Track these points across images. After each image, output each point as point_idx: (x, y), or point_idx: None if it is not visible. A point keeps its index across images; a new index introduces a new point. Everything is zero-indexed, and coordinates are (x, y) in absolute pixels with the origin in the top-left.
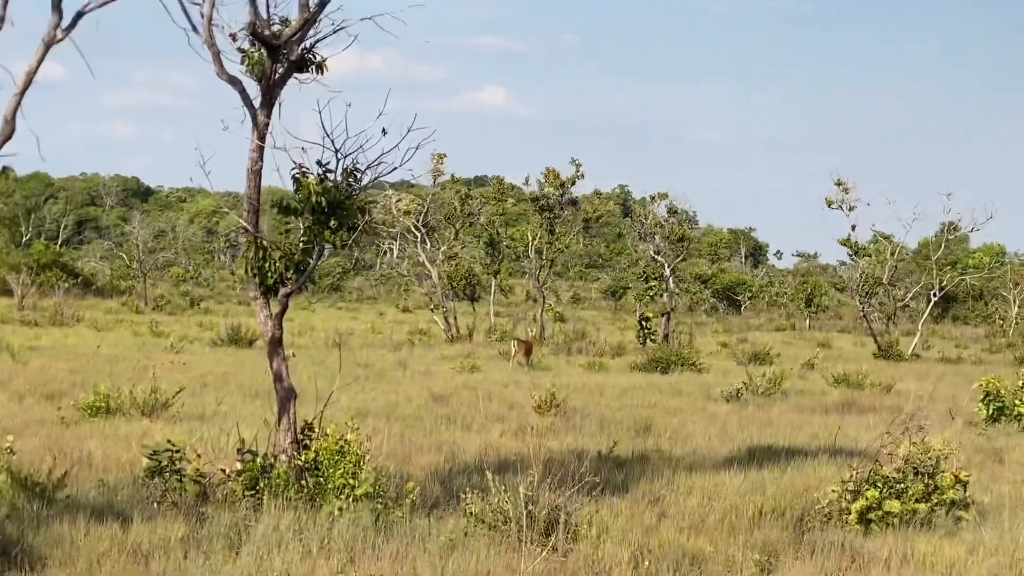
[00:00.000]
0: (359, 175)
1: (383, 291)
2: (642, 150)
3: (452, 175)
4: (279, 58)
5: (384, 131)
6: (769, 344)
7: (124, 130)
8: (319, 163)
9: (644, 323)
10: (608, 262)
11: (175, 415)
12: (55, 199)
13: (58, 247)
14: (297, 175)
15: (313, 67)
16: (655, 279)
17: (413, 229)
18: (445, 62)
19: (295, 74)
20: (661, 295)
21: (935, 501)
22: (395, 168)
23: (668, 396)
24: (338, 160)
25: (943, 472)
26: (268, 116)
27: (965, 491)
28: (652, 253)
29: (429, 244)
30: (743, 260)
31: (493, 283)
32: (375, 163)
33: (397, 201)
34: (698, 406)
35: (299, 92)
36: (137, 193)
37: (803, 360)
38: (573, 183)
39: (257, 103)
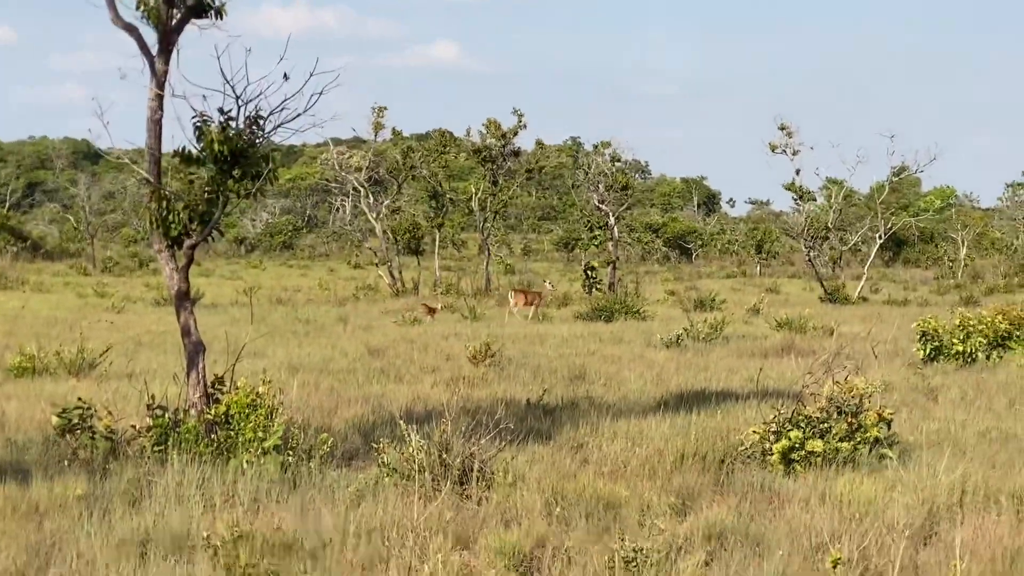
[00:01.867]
0: (262, 122)
1: (335, 248)
2: (596, 102)
3: (394, 128)
4: (175, 3)
5: (285, 76)
6: (716, 291)
7: (74, 93)
8: (220, 111)
9: (590, 272)
10: (561, 214)
11: (103, 374)
12: (3, 163)
13: (6, 211)
14: (198, 123)
15: (212, 12)
16: (600, 228)
17: (357, 184)
18: (397, 17)
19: (193, 20)
20: (606, 244)
21: (858, 440)
22: (299, 114)
23: (608, 344)
24: (239, 107)
25: (867, 411)
26: (166, 64)
27: (889, 429)
28: (596, 202)
29: (372, 199)
30: (696, 209)
31: (437, 236)
32: (278, 109)
33: (348, 157)
34: (637, 353)
35: (199, 38)
36: (88, 155)
37: (749, 305)
38: (515, 134)
39: (155, 51)
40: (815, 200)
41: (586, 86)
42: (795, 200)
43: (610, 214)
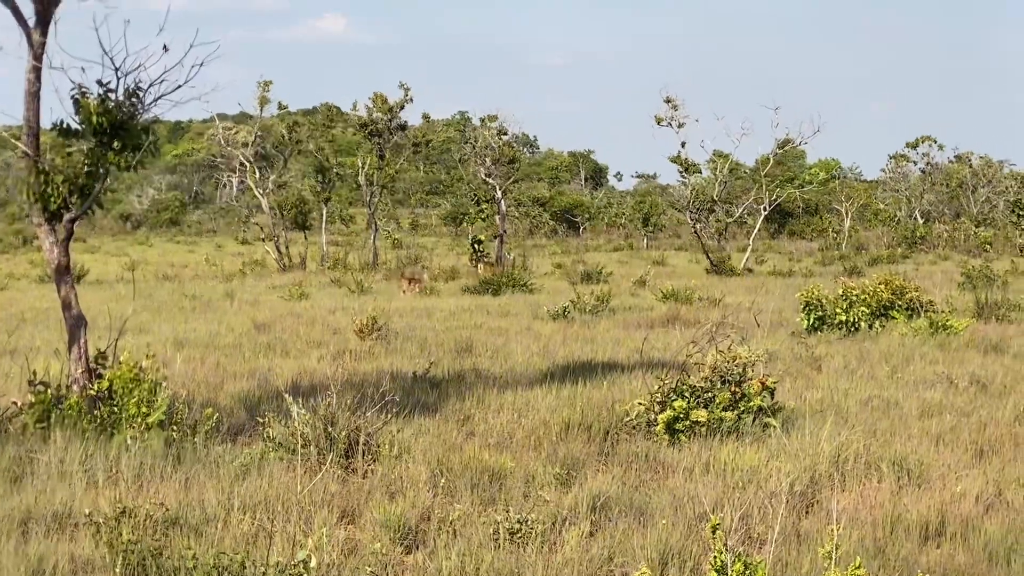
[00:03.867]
0: (142, 94)
1: (223, 224)
2: (484, 75)
3: (280, 103)
4: None
5: (165, 48)
6: (603, 264)
7: None
8: (99, 83)
9: (476, 246)
10: (449, 188)
11: None
12: None
13: None
14: (77, 96)
15: None
16: (487, 202)
17: (243, 160)
18: None
19: None
20: (494, 218)
21: (742, 409)
22: (179, 86)
23: (495, 317)
24: (119, 79)
25: (750, 380)
26: (44, 35)
27: (772, 398)
28: (483, 176)
29: (258, 174)
30: (583, 182)
31: (324, 211)
32: (158, 81)
33: (234, 133)
34: (524, 325)
35: (78, 9)
36: None
37: (636, 278)
38: (402, 107)
39: (32, 22)
40: (701, 173)
41: (475, 59)
42: (681, 173)
43: (497, 188)
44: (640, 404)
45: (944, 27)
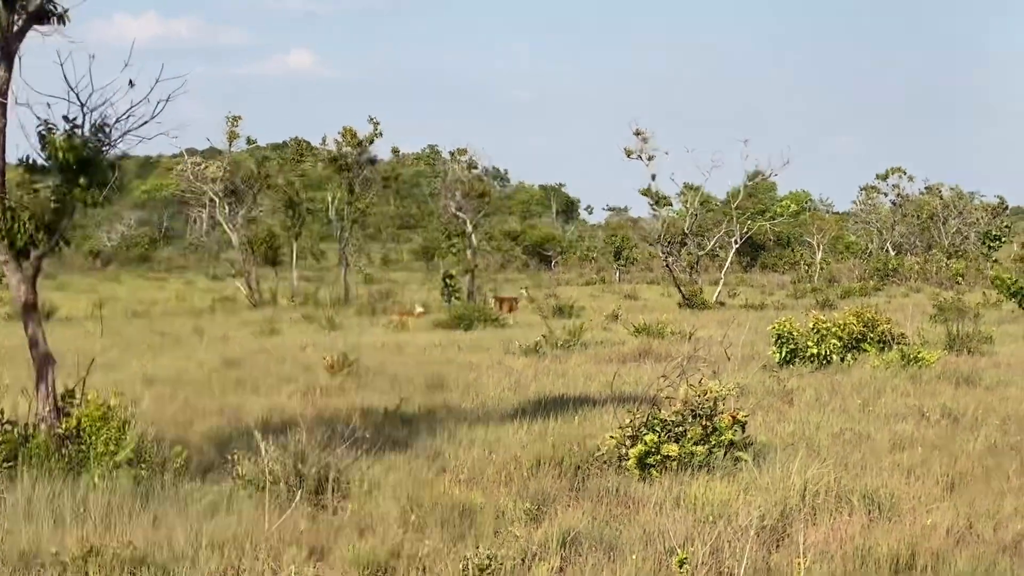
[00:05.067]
0: (108, 130)
1: (193, 260)
2: (454, 110)
3: (248, 137)
4: (16, 9)
5: (131, 83)
6: (575, 298)
7: None
8: (66, 118)
9: (448, 281)
10: (420, 223)
11: None
12: None
13: None
14: (43, 131)
15: (54, 18)
16: (457, 236)
17: (212, 195)
18: (250, 26)
19: (35, 26)
20: (465, 252)
21: (713, 443)
22: (146, 122)
23: (467, 352)
24: (85, 115)
25: (721, 413)
26: (8, 71)
27: (743, 431)
28: (453, 210)
29: (228, 209)
30: (555, 216)
31: (294, 246)
32: (124, 116)
33: (204, 168)
34: (495, 360)
35: (43, 45)
36: None
37: (608, 312)
38: (371, 142)
39: None
40: (671, 205)
41: (444, 94)
42: (651, 206)
43: (468, 222)
44: (611, 439)
45: (913, 61)
